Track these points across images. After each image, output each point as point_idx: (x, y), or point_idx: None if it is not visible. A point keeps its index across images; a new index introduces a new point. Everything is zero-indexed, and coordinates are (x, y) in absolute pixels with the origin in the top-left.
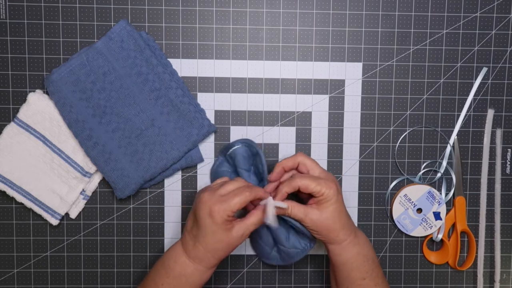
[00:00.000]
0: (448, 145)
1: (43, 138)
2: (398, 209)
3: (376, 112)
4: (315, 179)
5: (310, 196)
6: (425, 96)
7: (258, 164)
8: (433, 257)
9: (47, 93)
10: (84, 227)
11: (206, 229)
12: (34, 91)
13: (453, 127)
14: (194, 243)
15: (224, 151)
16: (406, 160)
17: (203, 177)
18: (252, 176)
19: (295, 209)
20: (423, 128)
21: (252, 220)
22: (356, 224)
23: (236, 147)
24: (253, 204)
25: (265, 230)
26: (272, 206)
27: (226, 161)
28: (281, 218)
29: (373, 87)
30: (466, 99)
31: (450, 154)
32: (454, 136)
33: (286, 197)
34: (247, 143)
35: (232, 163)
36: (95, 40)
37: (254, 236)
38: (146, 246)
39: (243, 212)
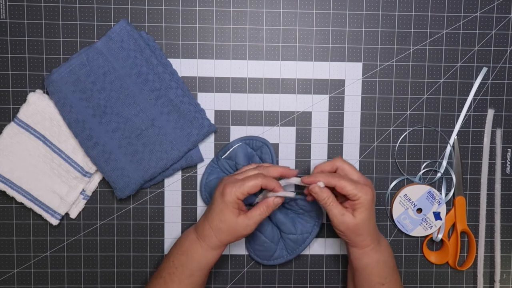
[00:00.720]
0: (448, 145)
1: (43, 138)
2: (398, 209)
3: (376, 112)
4: (353, 183)
5: (346, 198)
6: (425, 96)
7: (264, 155)
8: (433, 257)
9: (47, 93)
10: (84, 227)
11: (215, 207)
12: (34, 91)
13: (453, 127)
14: (203, 220)
15: (220, 154)
16: (406, 160)
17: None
18: None
19: (334, 207)
20: (423, 128)
21: (257, 211)
22: None
23: (236, 145)
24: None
25: (270, 224)
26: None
27: (218, 168)
28: (285, 209)
29: (373, 87)
30: (466, 99)
31: (450, 154)
32: (454, 136)
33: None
34: (248, 139)
35: (224, 167)
36: (95, 40)
37: (257, 234)
38: (146, 246)
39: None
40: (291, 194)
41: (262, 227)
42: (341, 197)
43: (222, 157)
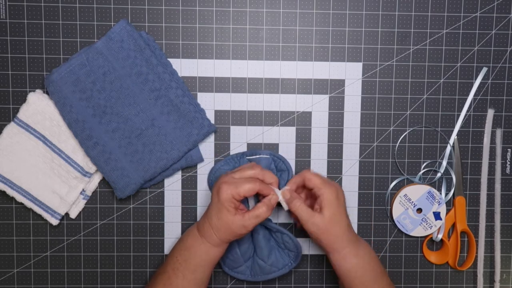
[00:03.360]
0: (448, 145)
1: (43, 138)
2: (398, 209)
3: (376, 112)
4: (321, 178)
5: (314, 199)
6: (425, 96)
7: (281, 179)
8: (433, 257)
9: (47, 93)
10: (84, 227)
11: (212, 205)
12: (34, 91)
13: (453, 127)
14: (204, 218)
15: (247, 153)
16: (406, 160)
17: (203, 177)
18: None
19: (301, 209)
20: (423, 128)
21: (254, 212)
22: (356, 224)
23: (263, 156)
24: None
25: (250, 239)
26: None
27: (237, 163)
28: (269, 235)
29: (373, 87)
30: (466, 99)
31: (450, 154)
32: (454, 136)
33: (293, 189)
34: (277, 158)
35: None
36: (95, 40)
37: (233, 244)
38: (146, 246)
39: None
40: (285, 206)
41: (242, 240)
42: (310, 199)
43: (247, 157)
